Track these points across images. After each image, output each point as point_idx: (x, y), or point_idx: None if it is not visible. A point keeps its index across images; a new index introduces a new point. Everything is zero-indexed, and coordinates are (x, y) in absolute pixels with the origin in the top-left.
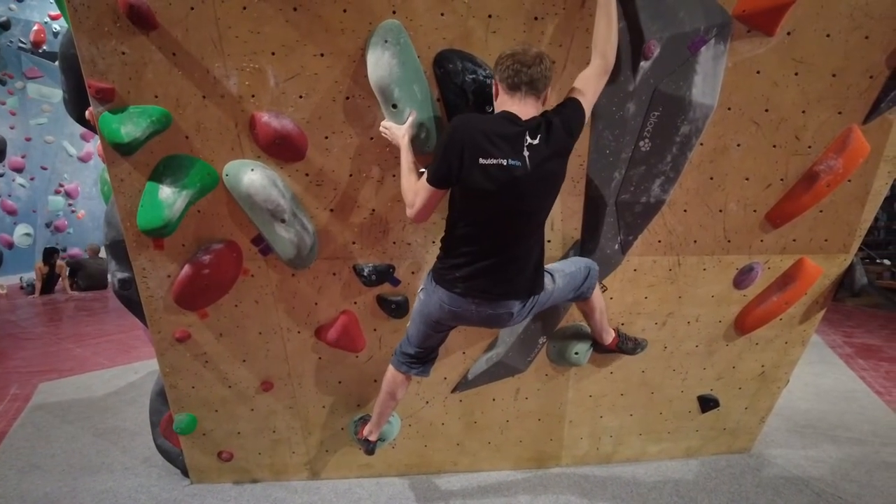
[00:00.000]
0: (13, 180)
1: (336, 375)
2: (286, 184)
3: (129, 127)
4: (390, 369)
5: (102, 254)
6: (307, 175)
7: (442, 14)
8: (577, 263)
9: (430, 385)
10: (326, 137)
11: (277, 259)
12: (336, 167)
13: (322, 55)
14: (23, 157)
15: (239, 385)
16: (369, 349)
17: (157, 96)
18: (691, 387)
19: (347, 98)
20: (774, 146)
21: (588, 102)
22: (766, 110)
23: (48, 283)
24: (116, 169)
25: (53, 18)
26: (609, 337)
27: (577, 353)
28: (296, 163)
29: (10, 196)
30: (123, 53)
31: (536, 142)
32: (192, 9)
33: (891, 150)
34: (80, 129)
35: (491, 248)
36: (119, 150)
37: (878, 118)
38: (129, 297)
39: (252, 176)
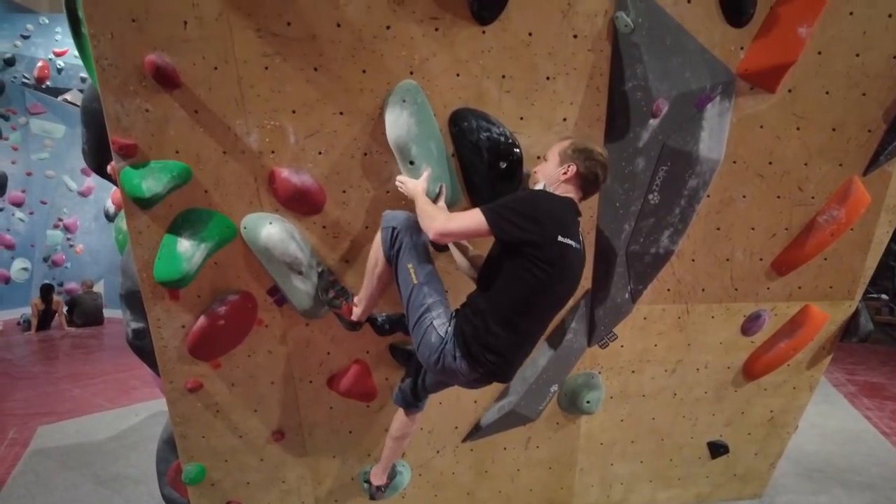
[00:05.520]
0: (13, 214)
1: (347, 425)
2: (303, 236)
3: (151, 182)
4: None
5: (96, 288)
6: (324, 227)
7: (457, 75)
8: None
9: (442, 434)
10: (344, 191)
11: (292, 309)
12: (352, 220)
13: (341, 113)
14: (23, 191)
15: (249, 435)
16: (381, 399)
17: (178, 152)
18: (701, 433)
19: (365, 154)
20: (778, 197)
21: None
22: (770, 163)
23: (44, 319)
24: (135, 221)
25: (57, 55)
26: (383, 478)
27: (588, 402)
28: (313, 216)
29: (8, 230)
30: (147, 111)
31: (580, 234)
32: (216, 68)
33: (891, 200)
34: (82, 164)
35: (529, 331)
36: (139, 205)
37: (878, 170)
38: (143, 348)
39: (270, 229)
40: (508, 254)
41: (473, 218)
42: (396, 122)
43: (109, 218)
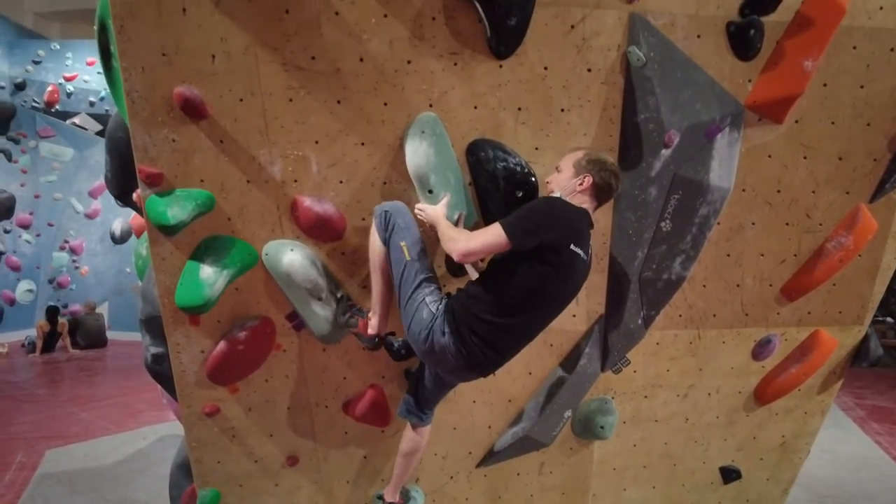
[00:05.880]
0: (19, 237)
1: (362, 450)
2: (324, 262)
3: (176, 210)
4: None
5: (100, 310)
6: (343, 254)
7: (475, 107)
8: None
9: (456, 460)
10: (364, 219)
11: (310, 334)
12: None
13: (363, 144)
14: (30, 213)
15: (265, 460)
16: (395, 424)
17: (202, 180)
18: (713, 458)
19: (385, 183)
20: (787, 224)
21: None
22: (779, 191)
23: (49, 341)
24: (159, 248)
25: (68, 80)
26: (395, 496)
27: (602, 427)
28: (334, 243)
29: (15, 252)
30: (174, 141)
31: (590, 244)
32: (242, 100)
33: None
34: (89, 187)
35: (519, 327)
36: (164, 232)
37: (884, 197)
38: (162, 372)
39: (292, 256)
40: (519, 253)
41: (494, 233)
42: (416, 153)
43: (115, 240)
